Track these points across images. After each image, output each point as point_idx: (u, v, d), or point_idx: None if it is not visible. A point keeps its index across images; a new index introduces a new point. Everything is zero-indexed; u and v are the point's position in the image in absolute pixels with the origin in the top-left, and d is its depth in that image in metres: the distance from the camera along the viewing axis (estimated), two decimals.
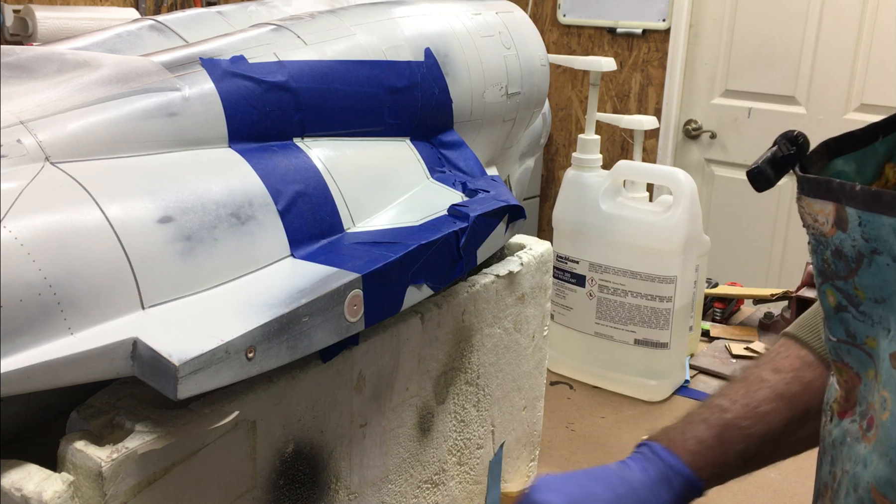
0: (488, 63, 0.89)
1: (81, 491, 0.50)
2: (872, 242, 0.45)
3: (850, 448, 0.49)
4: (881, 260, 0.45)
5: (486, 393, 0.89)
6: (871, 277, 0.46)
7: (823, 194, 0.47)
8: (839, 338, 0.50)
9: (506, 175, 1.06)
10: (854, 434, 0.49)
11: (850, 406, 0.50)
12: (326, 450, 0.68)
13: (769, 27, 2.63)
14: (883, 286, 0.45)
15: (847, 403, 0.51)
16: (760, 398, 0.66)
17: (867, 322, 0.47)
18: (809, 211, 0.49)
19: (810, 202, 0.48)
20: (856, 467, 0.48)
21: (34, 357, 0.48)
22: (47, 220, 0.52)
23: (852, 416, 0.50)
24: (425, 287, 0.69)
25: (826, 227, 0.48)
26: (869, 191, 0.45)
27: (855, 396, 0.50)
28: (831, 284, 0.49)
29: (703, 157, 2.88)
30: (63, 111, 0.59)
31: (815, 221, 0.48)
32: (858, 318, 0.48)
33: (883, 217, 0.44)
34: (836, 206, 0.46)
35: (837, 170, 0.52)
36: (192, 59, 0.67)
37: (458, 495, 0.88)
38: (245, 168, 0.65)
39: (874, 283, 0.46)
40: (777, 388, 0.67)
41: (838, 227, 0.46)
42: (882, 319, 0.46)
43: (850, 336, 0.49)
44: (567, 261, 1.35)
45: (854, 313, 0.48)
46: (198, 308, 0.56)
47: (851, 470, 0.48)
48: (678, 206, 1.26)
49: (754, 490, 1.08)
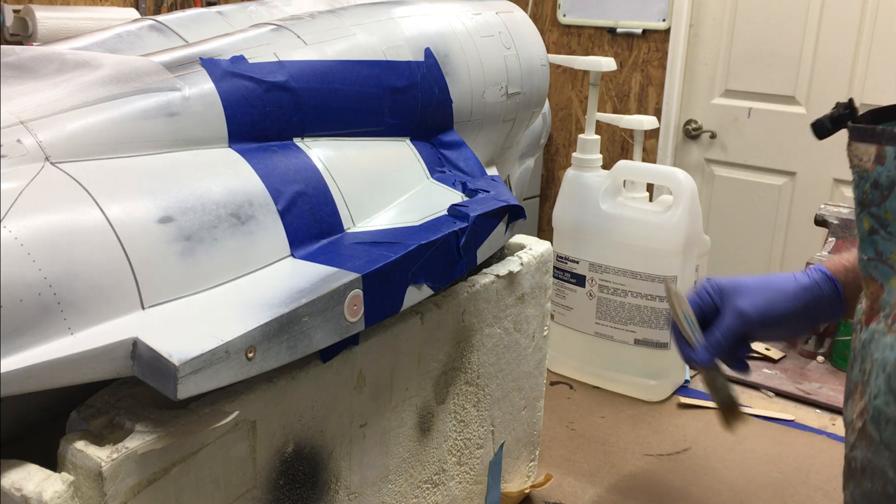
0: (488, 63, 0.89)
1: (81, 491, 0.50)
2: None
3: (878, 342, 0.59)
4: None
5: (486, 393, 0.89)
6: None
7: (869, 138, 0.59)
8: (869, 256, 0.61)
9: (506, 175, 1.06)
10: (881, 331, 0.60)
11: (875, 313, 0.61)
12: (326, 450, 0.68)
13: (769, 27, 2.63)
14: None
15: (872, 311, 0.61)
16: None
17: (892, 240, 0.59)
18: (857, 153, 0.60)
19: (858, 146, 0.60)
20: (884, 353, 0.58)
21: (34, 357, 0.48)
22: (47, 220, 0.52)
23: (877, 320, 0.60)
24: (425, 287, 0.69)
25: (868, 164, 0.59)
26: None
27: (879, 304, 0.60)
28: (868, 212, 0.60)
29: (703, 157, 2.88)
30: (63, 111, 0.59)
31: (860, 161, 0.60)
32: (886, 238, 0.59)
33: None
34: (877, 147, 0.58)
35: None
36: (192, 59, 0.67)
37: (458, 495, 0.88)
38: (245, 168, 0.65)
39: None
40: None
41: (878, 162, 0.58)
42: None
43: (878, 254, 0.60)
44: (567, 261, 1.35)
45: (883, 234, 0.59)
46: (198, 308, 0.56)
47: (880, 356, 0.58)
48: (678, 206, 1.26)
49: (754, 490, 1.08)
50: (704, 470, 1.13)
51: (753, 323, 0.76)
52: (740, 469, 1.13)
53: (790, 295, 0.76)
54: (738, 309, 0.76)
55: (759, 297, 0.76)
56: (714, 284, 0.78)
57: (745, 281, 0.77)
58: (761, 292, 0.76)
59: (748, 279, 0.77)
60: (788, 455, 1.17)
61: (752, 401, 1.33)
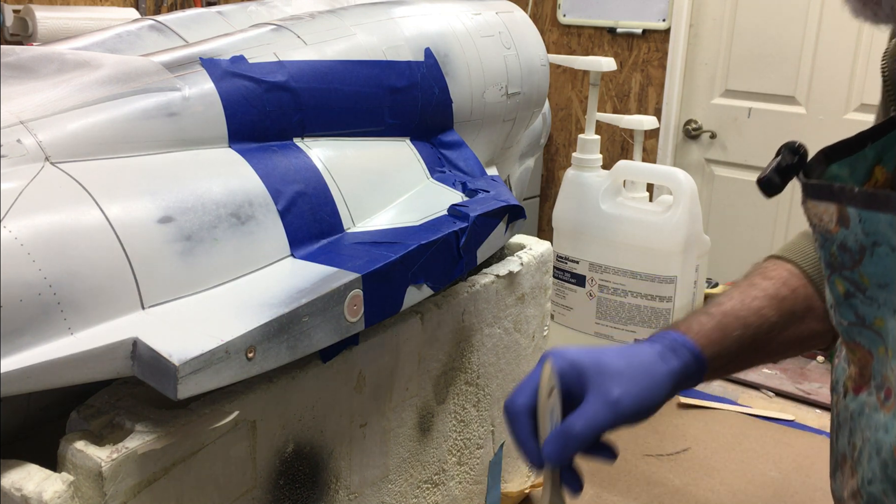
0: (488, 63, 0.88)
1: (81, 491, 0.50)
2: (872, 236, 0.51)
3: (869, 418, 0.54)
4: (881, 250, 0.51)
5: (486, 393, 0.89)
6: (874, 266, 0.52)
7: (826, 197, 0.53)
8: (850, 321, 0.55)
9: (506, 175, 1.06)
10: (872, 405, 0.54)
11: (865, 381, 0.55)
12: (326, 450, 0.68)
13: (769, 27, 2.63)
14: (885, 272, 0.51)
15: (862, 379, 0.56)
16: (754, 296, 0.73)
17: (874, 305, 0.53)
18: (815, 212, 0.55)
19: (815, 204, 0.54)
20: (877, 433, 0.52)
21: (34, 357, 0.48)
22: (47, 220, 0.52)
23: (868, 390, 0.55)
24: (425, 287, 0.69)
25: (831, 226, 0.54)
26: (865, 192, 0.51)
27: (869, 372, 0.55)
28: (839, 275, 0.54)
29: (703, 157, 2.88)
30: (63, 111, 0.59)
31: (821, 221, 0.54)
32: (865, 303, 0.53)
33: (879, 214, 0.50)
34: (838, 207, 0.53)
35: (834, 174, 0.59)
36: (192, 59, 0.67)
37: (458, 495, 0.88)
38: (245, 168, 0.65)
39: (877, 270, 0.52)
40: (768, 290, 0.73)
41: (841, 224, 0.53)
42: (887, 301, 0.52)
43: (859, 318, 0.54)
44: (567, 261, 1.35)
45: (861, 298, 0.54)
46: (198, 308, 0.56)
47: (872, 437, 0.53)
48: (678, 206, 1.26)
49: (754, 490, 1.08)
50: (704, 470, 1.13)
51: (626, 415, 0.61)
52: (740, 469, 1.13)
53: (660, 382, 0.64)
54: (611, 399, 0.61)
55: (634, 385, 0.62)
56: (571, 363, 0.62)
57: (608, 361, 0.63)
58: (635, 380, 0.63)
59: (609, 357, 0.63)
60: (788, 455, 1.17)
61: (752, 401, 1.33)
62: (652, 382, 0.64)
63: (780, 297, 0.73)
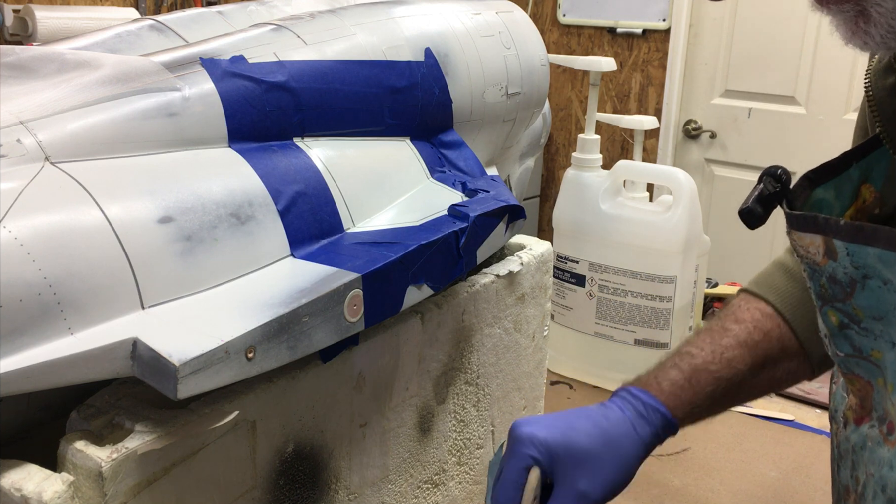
0: (488, 63, 0.88)
1: (81, 491, 0.50)
2: (862, 269, 0.49)
3: (872, 452, 0.52)
4: (872, 283, 0.49)
5: (486, 393, 0.89)
6: (866, 299, 0.50)
7: (812, 228, 0.51)
8: (846, 353, 0.53)
9: (506, 175, 1.06)
10: (875, 439, 0.52)
11: (867, 413, 0.53)
12: (326, 450, 0.68)
13: (769, 27, 2.63)
14: (878, 305, 0.49)
15: (863, 410, 0.54)
16: (725, 345, 0.71)
17: (870, 336, 0.51)
18: (801, 243, 0.53)
19: (801, 236, 0.52)
20: (881, 469, 0.50)
21: (34, 357, 0.48)
22: (47, 220, 0.51)
23: (870, 422, 0.53)
24: (425, 287, 0.69)
25: (818, 258, 0.51)
26: (852, 224, 0.49)
27: (870, 403, 0.53)
28: (832, 306, 0.52)
29: (703, 157, 2.88)
30: (63, 111, 0.59)
31: (808, 252, 0.52)
32: (861, 334, 0.51)
33: (867, 248, 0.48)
34: (824, 239, 0.50)
35: (819, 198, 0.57)
36: (192, 59, 0.67)
37: (458, 495, 0.88)
38: (245, 168, 0.65)
39: (870, 303, 0.50)
40: (739, 336, 0.71)
41: (829, 256, 0.50)
42: (883, 333, 0.50)
43: (856, 350, 0.52)
44: (567, 261, 1.35)
45: (856, 329, 0.51)
46: (198, 308, 0.56)
47: (877, 473, 0.51)
48: (678, 206, 1.26)
49: (754, 490, 1.08)
50: (704, 470, 1.13)
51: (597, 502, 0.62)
52: (740, 469, 1.13)
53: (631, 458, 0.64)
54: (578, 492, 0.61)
55: (602, 471, 0.62)
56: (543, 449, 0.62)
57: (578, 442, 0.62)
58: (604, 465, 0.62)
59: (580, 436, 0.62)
60: (788, 455, 1.17)
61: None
62: (623, 462, 0.64)
63: (752, 343, 0.71)
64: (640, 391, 0.68)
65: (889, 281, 0.48)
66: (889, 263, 0.47)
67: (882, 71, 0.59)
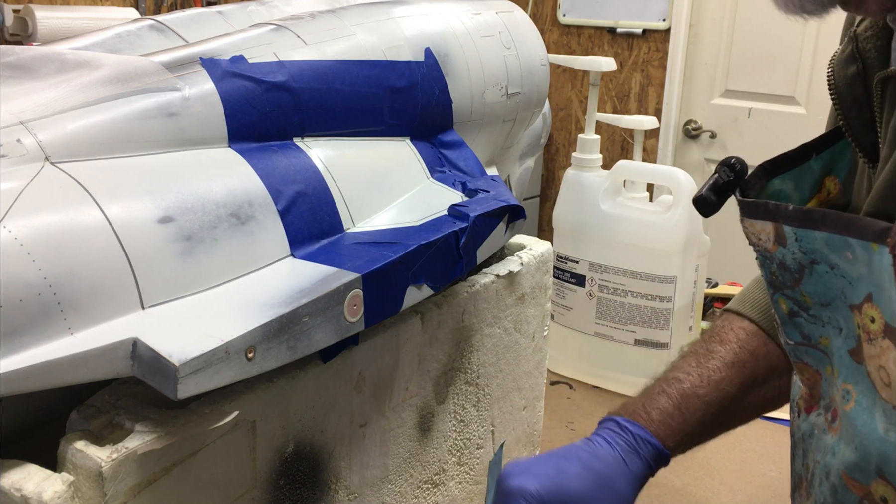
0: (488, 63, 0.88)
1: (81, 491, 0.50)
2: (810, 254, 0.49)
3: (819, 440, 0.52)
4: (820, 269, 0.49)
5: (486, 393, 0.89)
6: (814, 285, 0.50)
7: (762, 215, 0.52)
8: (796, 340, 0.54)
9: (506, 175, 1.06)
10: (821, 426, 0.52)
11: (815, 401, 0.54)
12: (326, 450, 0.68)
13: (769, 27, 2.63)
14: (825, 291, 0.50)
15: (812, 399, 0.54)
16: (713, 367, 0.70)
17: (818, 323, 0.51)
18: (752, 231, 0.53)
19: (752, 223, 0.53)
20: (826, 457, 0.51)
21: (34, 357, 0.48)
22: (47, 220, 0.51)
23: (818, 410, 0.53)
24: (425, 287, 0.69)
25: (769, 244, 0.52)
26: (800, 209, 0.49)
27: (818, 392, 0.53)
28: (782, 294, 0.53)
29: (703, 157, 2.88)
30: (63, 111, 0.59)
31: (759, 240, 0.53)
32: (810, 321, 0.52)
33: (815, 232, 0.48)
34: (774, 225, 0.51)
35: (776, 189, 0.57)
36: (192, 59, 0.67)
37: (458, 495, 0.88)
38: (245, 168, 0.65)
39: (817, 289, 0.50)
40: (726, 357, 0.71)
41: (779, 243, 0.51)
42: (831, 320, 0.50)
43: (805, 338, 0.53)
44: (567, 261, 1.35)
45: (805, 317, 0.52)
46: (198, 308, 0.56)
47: (822, 460, 0.51)
48: (678, 206, 1.26)
49: (754, 490, 1.08)
50: (704, 470, 1.13)
51: None
52: (740, 469, 1.13)
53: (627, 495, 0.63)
54: None
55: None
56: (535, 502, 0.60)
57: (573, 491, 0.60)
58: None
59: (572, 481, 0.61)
60: (788, 455, 1.17)
61: None
62: (618, 501, 0.62)
63: (739, 364, 0.70)
64: (629, 422, 0.67)
65: (836, 265, 0.48)
66: (835, 247, 0.47)
67: (844, 61, 0.59)
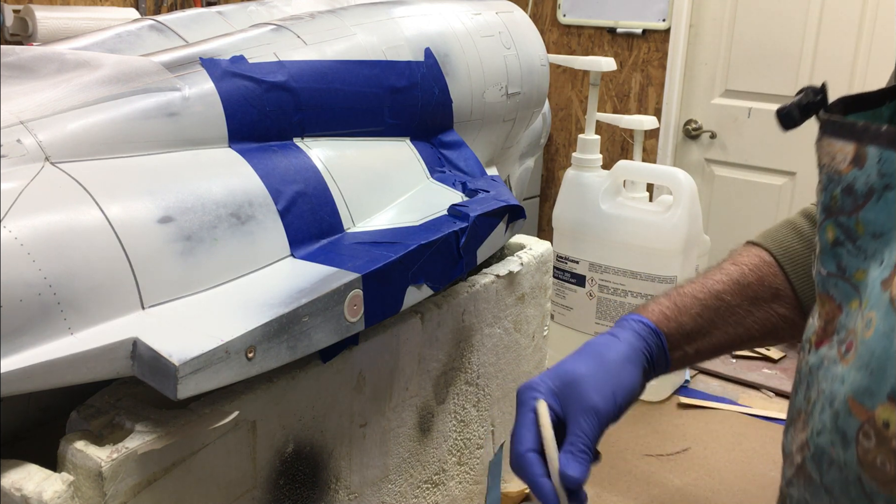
0: (488, 63, 0.88)
1: (81, 491, 0.50)
2: (887, 178, 0.50)
3: (827, 370, 0.53)
4: (891, 195, 0.50)
5: (486, 393, 0.89)
6: (876, 212, 0.51)
7: (847, 135, 0.52)
8: (829, 271, 0.54)
9: (506, 175, 1.06)
10: (832, 358, 0.53)
11: (828, 335, 0.54)
12: (326, 450, 0.68)
13: (769, 27, 2.63)
14: (886, 220, 0.50)
15: (824, 333, 0.55)
16: (715, 279, 0.73)
17: (860, 256, 0.52)
18: (829, 150, 0.54)
19: (831, 142, 0.53)
20: (833, 385, 0.51)
21: (34, 357, 0.48)
22: (47, 220, 0.51)
23: (829, 344, 0.54)
24: (425, 287, 0.69)
25: (843, 165, 0.52)
26: (893, 130, 0.50)
27: (833, 327, 0.54)
28: (834, 220, 0.53)
29: (703, 157, 2.88)
30: (63, 111, 0.59)
31: (833, 160, 0.53)
32: (852, 253, 0.52)
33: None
34: (856, 146, 0.51)
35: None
36: (192, 59, 0.67)
37: (458, 495, 0.88)
38: (245, 168, 0.65)
39: (879, 217, 0.51)
40: (732, 274, 0.73)
41: (855, 164, 0.51)
42: (876, 252, 0.51)
43: (840, 269, 0.53)
44: (567, 261, 1.35)
45: (849, 248, 0.52)
46: (198, 308, 0.56)
47: (828, 388, 0.52)
48: (678, 206, 1.26)
49: (754, 490, 1.09)
50: (704, 470, 1.13)
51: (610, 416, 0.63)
52: (740, 469, 1.13)
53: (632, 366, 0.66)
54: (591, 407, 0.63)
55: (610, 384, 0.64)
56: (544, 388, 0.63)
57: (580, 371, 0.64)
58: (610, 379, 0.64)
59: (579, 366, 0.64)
60: None
61: (752, 401, 1.33)
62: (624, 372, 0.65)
63: (743, 283, 0.73)
64: (631, 315, 0.71)
65: None
66: None
67: None
